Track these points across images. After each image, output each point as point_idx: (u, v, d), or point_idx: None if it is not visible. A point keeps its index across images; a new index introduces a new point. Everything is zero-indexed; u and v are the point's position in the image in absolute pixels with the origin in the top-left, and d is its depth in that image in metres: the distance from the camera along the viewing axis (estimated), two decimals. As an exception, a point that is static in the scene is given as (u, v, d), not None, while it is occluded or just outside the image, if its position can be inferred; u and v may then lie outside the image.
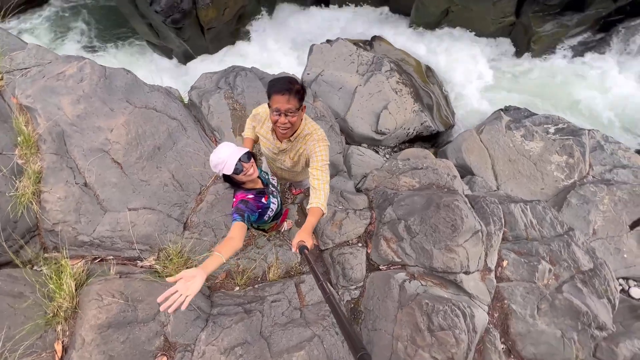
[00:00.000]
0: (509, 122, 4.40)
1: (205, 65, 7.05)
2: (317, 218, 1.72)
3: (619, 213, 3.82)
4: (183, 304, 1.16)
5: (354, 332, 0.95)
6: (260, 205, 1.90)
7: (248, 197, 1.85)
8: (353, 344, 0.91)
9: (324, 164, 1.82)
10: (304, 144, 1.90)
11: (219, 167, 1.69)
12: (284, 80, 1.67)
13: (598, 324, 2.76)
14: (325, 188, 1.78)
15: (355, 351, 0.88)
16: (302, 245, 1.56)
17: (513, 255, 3.02)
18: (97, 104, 2.54)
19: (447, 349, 2.33)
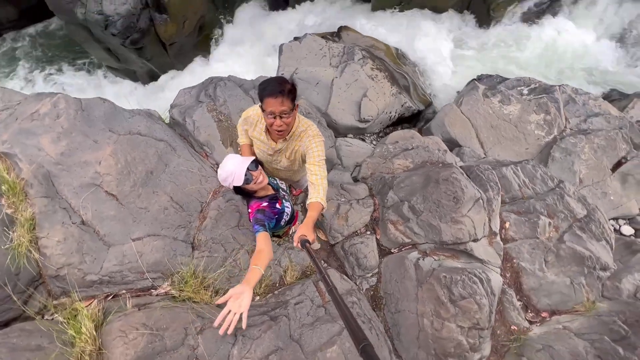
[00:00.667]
0: (484, 90, 4.54)
1: (176, 82, 6.88)
2: (318, 212, 1.74)
3: (600, 159, 4.04)
4: (243, 323, 1.18)
5: (356, 324, 0.96)
6: (276, 211, 1.90)
7: (263, 205, 1.84)
8: (355, 336, 0.92)
9: (321, 159, 1.84)
10: (299, 141, 1.90)
11: (229, 180, 1.67)
12: (275, 82, 1.65)
13: (601, 265, 2.92)
14: (323, 183, 1.80)
15: (358, 342, 0.89)
16: (304, 239, 1.58)
17: (513, 216, 3.13)
18: (79, 138, 2.44)
19: (472, 315, 2.41)
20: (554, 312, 2.88)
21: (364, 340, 0.88)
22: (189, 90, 3.29)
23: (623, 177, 4.02)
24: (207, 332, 2.11)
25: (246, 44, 7.13)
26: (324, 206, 1.78)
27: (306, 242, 1.57)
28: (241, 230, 2.75)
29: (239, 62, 6.72)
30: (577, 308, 2.84)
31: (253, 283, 1.41)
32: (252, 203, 1.94)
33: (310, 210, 1.74)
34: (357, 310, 2.53)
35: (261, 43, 7.07)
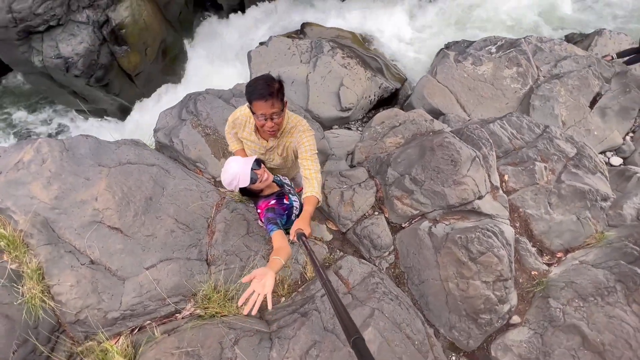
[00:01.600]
0: (455, 56, 4.64)
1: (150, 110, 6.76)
2: (314, 206, 1.75)
3: (577, 99, 4.18)
4: (268, 304, 1.18)
5: (349, 318, 0.97)
6: (285, 207, 1.90)
7: (271, 203, 1.84)
8: (347, 329, 0.93)
9: (313, 153, 1.85)
10: (290, 137, 1.90)
11: (234, 182, 1.66)
12: (263, 83, 1.64)
13: (602, 196, 3.03)
14: (317, 177, 1.81)
15: (350, 336, 0.89)
16: (300, 233, 1.60)
17: (510, 168, 3.21)
18: (70, 178, 2.38)
19: (493, 268, 2.46)
20: (568, 250, 2.96)
21: (355, 333, 0.89)
22: (169, 111, 3.24)
23: (601, 112, 4.17)
24: (242, 341, 2.09)
25: (213, 57, 7.09)
26: (320, 200, 1.80)
27: (302, 236, 1.59)
28: (252, 237, 2.73)
29: (209, 77, 6.66)
30: (588, 241, 2.93)
31: (275, 269, 1.40)
32: (260, 203, 1.93)
33: (306, 204, 1.75)
34: (382, 289, 2.53)
35: (228, 53, 7.04)
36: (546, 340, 2.45)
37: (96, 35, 6.25)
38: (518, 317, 2.61)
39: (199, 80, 6.99)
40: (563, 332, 2.43)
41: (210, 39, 7.54)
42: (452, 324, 2.59)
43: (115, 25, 6.33)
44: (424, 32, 6.88)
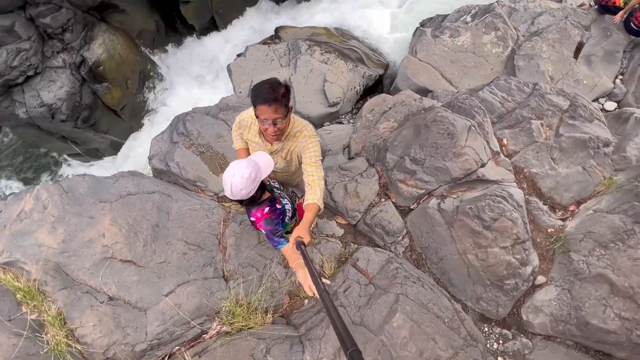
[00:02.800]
0: (432, 31, 4.63)
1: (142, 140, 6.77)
2: (314, 214, 1.74)
3: (560, 51, 4.16)
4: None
5: (345, 330, 0.96)
6: (279, 212, 1.91)
7: (265, 212, 1.85)
8: (344, 342, 0.91)
9: (317, 160, 1.83)
10: (295, 141, 1.87)
11: (243, 191, 1.67)
12: (268, 87, 1.61)
13: (603, 142, 3.01)
14: (320, 184, 1.80)
15: (346, 348, 0.88)
16: (299, 241, 1.59)
17: (507, 131, 3.20)
18: (73, 220, 2.37)
19: (509, 232, 2.44)
20: (580, 202, 2.94)
21: (352, 346, 0.88)
22: (160, 136, 3.24)
23: (587, 60, 4.15)
24: (274, 350, 2.07)
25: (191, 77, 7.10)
26: (321, 208, 1.78)
27: (301, 244, 1.58)
28: (264, 245, 2.72)
29: (193, 97, 6.66)
30: (598, 190, 2.91)
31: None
32: (254, 212, 1.93)
33: (307, 211, 1.74)
34: (402, 274, 2.51)
35: (207, 71, 7.04)
36: (575, 295, 2.43)
37: (75, 77, 6.26)
38: (543, 277, 2.59)
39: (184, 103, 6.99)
40: (590, 283, 2.40)
41: (187, 60, 7.54)
42: (479, 295, 2.57)
43: (92, 64, 6.33)
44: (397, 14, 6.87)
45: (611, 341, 2.32)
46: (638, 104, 3.95)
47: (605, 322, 2.30)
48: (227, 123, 3.22)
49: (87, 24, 6.40)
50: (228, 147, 3.13)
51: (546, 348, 2.46)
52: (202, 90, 6.88)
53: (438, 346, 2.21)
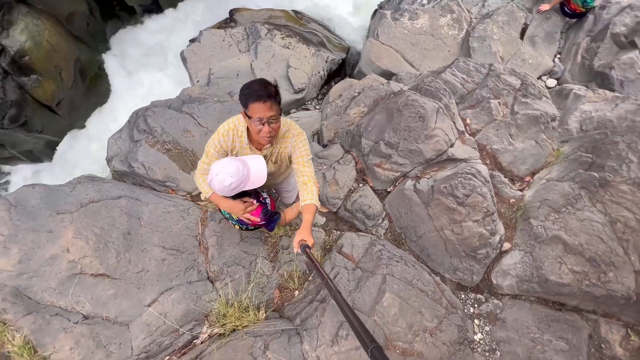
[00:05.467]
0: (392, 14, 4.68)
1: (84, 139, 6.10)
2: (313, 215, 1.73)
3: (508, 33, 4.46)
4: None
5: (363, 327, 0.95)
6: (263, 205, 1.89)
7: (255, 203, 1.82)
8: (363, 340, 0.90)
9: (309, 159, 1.80)
10: (284, 142, 1.81)
11: (239, 170, 1.61)
12: (259, 85, 1.52)
13: (551, 117, 3.33)
14: (315, 182, 1.79)
15: (367, 346, 0.88)
16: (304, 244, 1.59)
17: (469, 111, 3.39)
18: (29, 237, 2.10)
19: (480, 206, 2.63)
20: (534, 173, 3.25)
21: (372, 343, 0.88)
22: (117, 135, 2.93)
23: (531, 41, 4.51)
24: (272, 345, 2.07)
25: (139, 67, 6.47)
26: (318, 207, 1.77)
27: (306, 247, 1.58)
28: (248, 241, 2.65)
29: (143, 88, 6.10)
30: (549, 160, 3.24)
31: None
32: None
33: (305, 213, 1.72)
34: (386, 255, 2.62)
35: (155, 59, 6.45)
36: (535, 256, 2.72)
37: (-6, 69, 5.39)
38: (508, 244, 2.86)
39: (132, 94, 6.38)
40: (548, 245, 2.71)
41: (130, 47, 6.82)
42: (455, 266, 2.77)
43: (15, 53, 5.48)
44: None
45: (566, 292, 2.66)
46: (574, 81, 4.41)
47: (561, 277, 2.62)
48: (192, 116, 3.01)
49: (2, 6, 5.49)
50: (197, 142, 2.95)
51: (514, 306, 2.75)
52: (152, 80, 6.31)
53: (425, 318, 2.36)
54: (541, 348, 2.56)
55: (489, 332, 2.69)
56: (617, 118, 3.49)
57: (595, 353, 2.65)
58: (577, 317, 2.73)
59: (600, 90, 3.80)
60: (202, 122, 2.99)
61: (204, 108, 3.05)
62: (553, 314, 2.72)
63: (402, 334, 2.25)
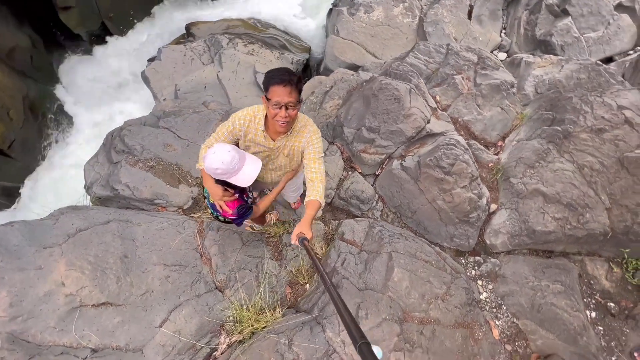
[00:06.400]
0: (348, 10, 4.84)
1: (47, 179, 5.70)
2: (316, 211, 1.73)
3: (457, 15, 4.77)
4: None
5: (354, 322, 0.96)
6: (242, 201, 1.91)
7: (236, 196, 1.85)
8: (352, 335, 0.91)
9: (320, 156, 1.81)
10: (300, 137, 1.80)
11: (233, 162, 1.61)
12: (284, 70, 1.55)
13: (510, 84, 3.59)
14: (322, 180, 1.78)
15: (355, 341, 0.89)
16: (302, 237, 1.61)
17: (437, 89, 3.59)
18: (17, 277, 1.94)
19: (466, 172, 2.79)
20: (504, 137, 3.49)
21: (361, 339, 0.88)
22: (93, 160, 2.79)
23: (478, 20, 4.85)
24: (296, 338, 2.06)
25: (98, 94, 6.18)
26: (322, 204, 1.77)
27: (304, 240, 1.60)
28: (250, 245, 2.62)
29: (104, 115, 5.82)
30: (515, 123, 3.49)
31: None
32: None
33: (308, 208, 1.72)
34: (387, 234, 2.69)
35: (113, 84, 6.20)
36: (520, 211, 2.92)
37: None
38: (495, 205, 3.05)
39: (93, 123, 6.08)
40: (529, 199, 2.91)
41: (83, 76, 6.50)
42: (451, 234, 2.90)
43: (-47, 96, 5.05)
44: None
45: (552, 239, 2.87)
46: (521, 51, 4.80)
47: (546, 226, 2.83)
48: (171, 130, 2.94)
49: None
50: (180, 155, 2.88)
51: (510, 261, 2.93)
52: (112, 106, 6.04)
53: (434, 286, 2.45)
54: (541, 294, 2.74)
55: (493, 289, 2.84)
56: (565, 78, 3.85)
57: (586, 290, 2.88)
58: (565, 261, 2.95)
59: (546, 55, 4.17)
60: (182, 134, 2.93)
61: (182, 120, 2.99)
62: (545, 262, 2.93)
63: (417, 304, 2.33)
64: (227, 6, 6.65)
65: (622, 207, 2.84)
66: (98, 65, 6.60)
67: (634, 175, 2.84)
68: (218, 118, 3.19)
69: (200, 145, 1.86)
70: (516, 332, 2.68)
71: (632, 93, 3.14)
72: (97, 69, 6.60)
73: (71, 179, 4.87)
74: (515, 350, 2.61)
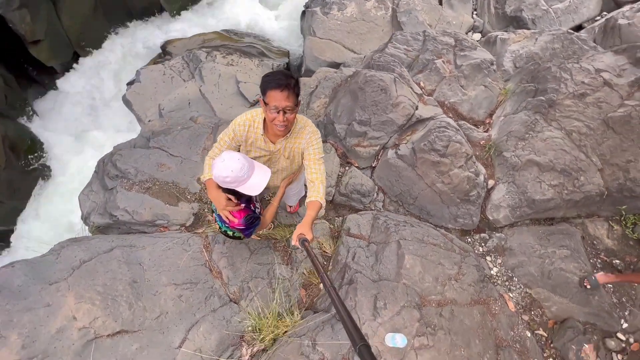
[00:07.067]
0: (321, 9, 4.88)
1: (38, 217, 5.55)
2: (316, 212, 1.73)
3: (428, 2, 4.85)
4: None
5: (354, 324, 0.95)
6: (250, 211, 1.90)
7: (243, 207, 1.84)
8: (352, 337, 0.91)
9: (320, 157, 1.80)
10: (299, 138, 1.80)
11: (243, 170, 1.59)
12: (281, 74, 1.53)
13: (489, 61, 3.67)
14: (323, 181, 1.78)
15: (355, 343, 0.88)
16: (303, 238, 1.61)
17: (420, 76, 3.64)
18: (25, 318, 1.88)
19: (460, 152, 2.83)
20: (491, 114, 3.56)
21: (360, 341, 0.88)
22: (87, 190, 2.73)
23: (449, 4, 4.95)
24: (319, 338, 2.05)
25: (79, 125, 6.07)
26: (323, 205, 1.76)
27: (305, 241, 1.59)
28: (258, 253, 2.60)
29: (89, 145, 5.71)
30: (500, 99, 3.57)
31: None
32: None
33: (309, 209, 1.72)
34: (392, 223, 2.70)
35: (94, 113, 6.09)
36: (518, 183, 2.98)
37: None
38: (492, 180, 3.10)
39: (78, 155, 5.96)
40: (524, 170, 2.97)
41: (61, 108, 6.37)
42: (455, 214, 2.94)
43: None
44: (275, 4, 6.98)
45: (552, 207, 2.93)
46: (494, 29, 4.91)
47: (544, 194, 2.89)
48: (162, 149, 2.90)
49: None
50: (175, 173, 2.84)
51: (514, 233, 2.98)
52: (96, 134, 5.93)
53: (446, 267, 2.48)
54: (549, 261, 2.79)
55: (502, 263, 2.88)
56: (540, 50, 3.95)
57: (591, 250, 2.94)
58: (567, 226, 3.01)
59: (519, 30, 4.27)
60: (174, 152, 2.89)
61: (172, 138, 2.95)
62: (548, 229, 2.99)
63: (432, 288, 2.34)
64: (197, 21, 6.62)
65: (613, 166, 2.92)
66: (75, 95, 6.48)
67: (620, 134, 2.93)
68: (208, 131, 3.17)
69: (194, 160, 1.85)
70: (530, 302, 2.72)
71: (607, 55, 3.24)
72: (74, 99, 6.48)
73: (65, 213, 4.76)
74: (532, 319, 2.65)
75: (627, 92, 2.99)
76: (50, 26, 5.83)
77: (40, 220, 5.11)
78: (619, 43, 4.28)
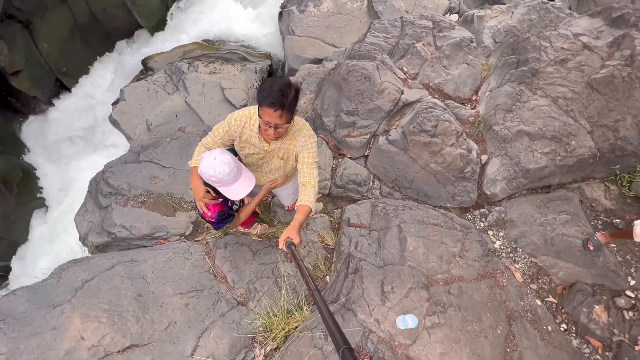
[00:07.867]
0: (297, 8, 4.89)
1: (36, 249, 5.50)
2: (305, 216, 1.72)
3: (403, -10, 4.88)
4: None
5: (338, 327, 0.96)
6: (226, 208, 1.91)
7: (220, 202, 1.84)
8: (336, 340, 0.91)
9: (314, 161, 1.80)
10: (295, 140, 1.78)
11: (230, 175, 1.59)
12: (278, 90, 1.45)
13: (469, 39, 3.68)
14: (315, 185, 1.78)
15: (338, 346, 0.89)
16: (290, 242, 1.60)
17: (402, 61, 3.65)
18: (32, 343, 1.86)
19: (450, 130, 2.84)
20: (476, 90, 3.58)
21: (344, 344, 0.89)
22: (82, 211, 2.71)
23: (423, -11, 4.98)
24: (330, 329, 2.04)
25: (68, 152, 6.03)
26: (313, 210, 1.76)
27: (291, 245, 1.59)
28: (260, 254, 2.59)
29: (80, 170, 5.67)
30: (483, 75, 3.58)
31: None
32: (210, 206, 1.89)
33: (298, 213, 1.71)
34: (391, 208, 2.70)
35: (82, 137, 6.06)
36: (510, 155, 2.99)
37: None
38: (485, 156, 3.11)
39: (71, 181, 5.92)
40: (515, 141, 2.99)
41: (47, 136, 6.33)
42: (452, 193, 2.94)
43: None
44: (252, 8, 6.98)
45: (547, 174, 2.94)
46: (470, 8, 4.94)
47: (538, 162, 2.91)
48: (153, 162, 2.88)
49: None
50: (168, 184, 2.83)
51: (513, 205, 2.99)
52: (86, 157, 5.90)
53: (449, 246, 2.48)
54: (550, 228, 2.80)
55: (504, 235, 2.89)
56: (518, 22, 3.98)
57: (591, 213, 2.96)
58: (564, 191, 3.03)
59: (494, 6, 4.30)
60: (165, 163, 2.88)
61: (162, 150, 2.94)
62: (545, 197, 3.00)
63: (437, 267, 2.34)
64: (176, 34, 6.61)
65: (602, 127, 2.94)
66: (61, 121, 6.45)
67: (604, 95, 2.95)
68: (198, 139, 3.15)
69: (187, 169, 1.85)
70: (537, 270, 2.73)
71: (583, 20, 3.27)
72: (60, 125, 6.45)
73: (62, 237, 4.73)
74: (541, 287, 2.65)
75: (607, 53, 3.01)
76: (29, 55, 5.79)
77: (39, 248, 5.06)
78: (594, 8, 4.32)
